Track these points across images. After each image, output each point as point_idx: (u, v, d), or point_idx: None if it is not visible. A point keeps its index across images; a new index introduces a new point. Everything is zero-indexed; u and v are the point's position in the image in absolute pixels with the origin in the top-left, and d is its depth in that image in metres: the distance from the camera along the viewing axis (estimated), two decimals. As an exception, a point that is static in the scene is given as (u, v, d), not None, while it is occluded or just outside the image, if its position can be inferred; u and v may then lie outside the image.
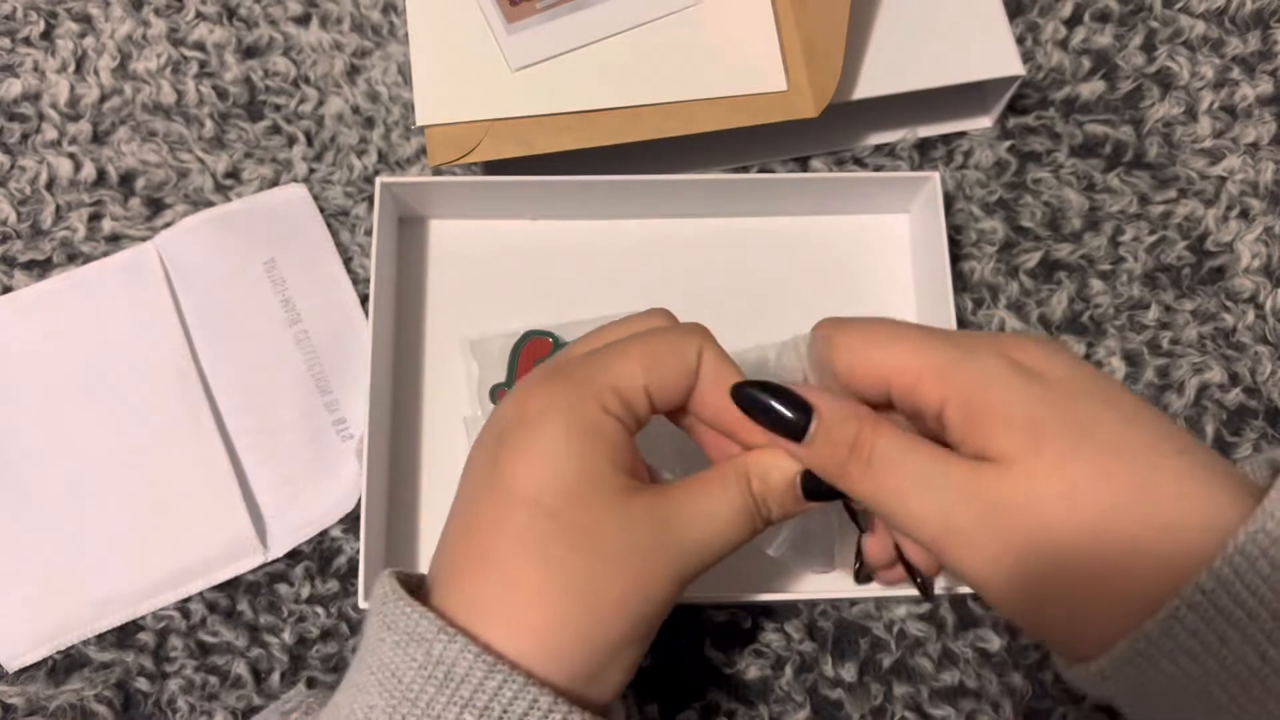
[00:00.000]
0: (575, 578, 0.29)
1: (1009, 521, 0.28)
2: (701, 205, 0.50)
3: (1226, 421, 0.49)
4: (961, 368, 0.30)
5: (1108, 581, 0.28)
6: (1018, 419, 0.29)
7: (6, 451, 0.47)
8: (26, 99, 0.53)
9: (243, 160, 0.52)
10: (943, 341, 0.31)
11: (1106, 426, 0.29)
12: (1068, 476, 0.28)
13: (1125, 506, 0.28)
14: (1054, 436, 0.28)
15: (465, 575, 0.30)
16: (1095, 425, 0.29)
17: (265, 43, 0.54)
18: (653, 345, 0.33)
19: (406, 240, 0.50)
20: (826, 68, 0.47)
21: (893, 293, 0.50)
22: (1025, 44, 0.54)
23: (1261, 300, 0.50)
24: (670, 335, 0.33)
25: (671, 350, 0.33)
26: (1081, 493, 0.28)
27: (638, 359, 0.32)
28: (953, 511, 0.29)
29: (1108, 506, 0.28)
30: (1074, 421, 0.29)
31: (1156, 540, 0.27)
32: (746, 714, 0.45)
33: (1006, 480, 0.29)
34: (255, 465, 0.48)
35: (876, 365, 0.31)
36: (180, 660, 0.45)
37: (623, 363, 0.32)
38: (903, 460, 0.30)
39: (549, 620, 0.29)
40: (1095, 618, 0.28)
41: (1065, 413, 0.29)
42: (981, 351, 0.30)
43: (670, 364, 0.33)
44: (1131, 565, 0.27)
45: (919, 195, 0.49)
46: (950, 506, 0.29)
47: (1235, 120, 0.53)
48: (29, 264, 0.50)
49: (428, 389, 0.49)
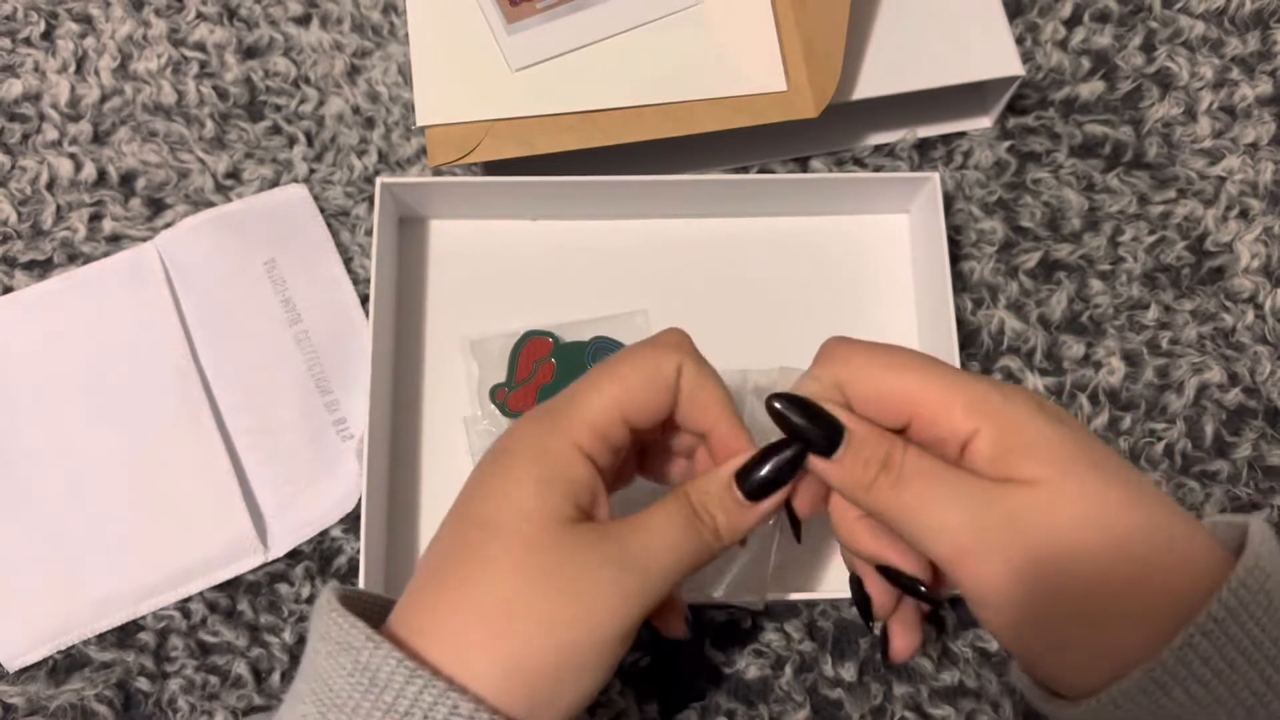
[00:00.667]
0: (521, 601, 0.30)
1: (1034, 534, 0.30)
2: (702, 205, 0.50)
3: (1226, 421, 0.49)
4: (997, 402, 0.31)
5: (1124, 602, 0.29)
6: (1049, 449, 0.30)
7: (7, 451, 0.47)
8: (27, 99, 0.53)
9: (243, 160, 0.52)
10: (974, 377, 0.33)
11: (1124, 468, 0.31)
12: (1096, 501, 0.30)
13: (1146, 536, 0.29)
14: (1083, 467, 0.30)
15: (418, 594, 0.31)
16: (1115, 464, 0.31)
17: (265, 43, 0.54)
18: (625, 372, 0.34)
19: (407, 240, 0.50)
20: (826, 68, 0.47)
21: (892, 293, 0.50)
22: (1025, 44, 0.54)
23: (1261, 300, 0.50)
24: (644, 358, 0.34)
25: (645, 375, 0.34)
26: (1108, 517, 0.30)
27: (610, 390, 0.33)
28: (979, 523, 0.30)
29: (1131, 532, 0.29)
30: (1097, 459, 0.30)
31: (1170, 569, 0.29)
32: (746, 714, 0.45)
33: (1035, 497, 0.30)
34: (255, 465, 0.48)
35: (905, 393, 0.32)
36: (181, 660, 0.45)
37: (595, 397, 0.33)
38: (930, 476, 0.31)
39: (487, 637, 0.30)
40: (1108, 638, 0.29)
41: (1089, 449, 0.31)
42: (1013, 390, 0.32)
43: (645, 389, 0.34)
44: (1147, 590, 0.29)
45: (919, 195, 0.49)
46: (976, 518, 0.30)
47: (1235, 120, 0.53)
48: (29, 264, 0.50)
49: (428, 389, 0.49)
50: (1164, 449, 0.48)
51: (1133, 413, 0.49)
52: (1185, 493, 0.48)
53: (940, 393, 0.32)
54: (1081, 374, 0.49)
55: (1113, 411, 0.49)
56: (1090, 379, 0.49)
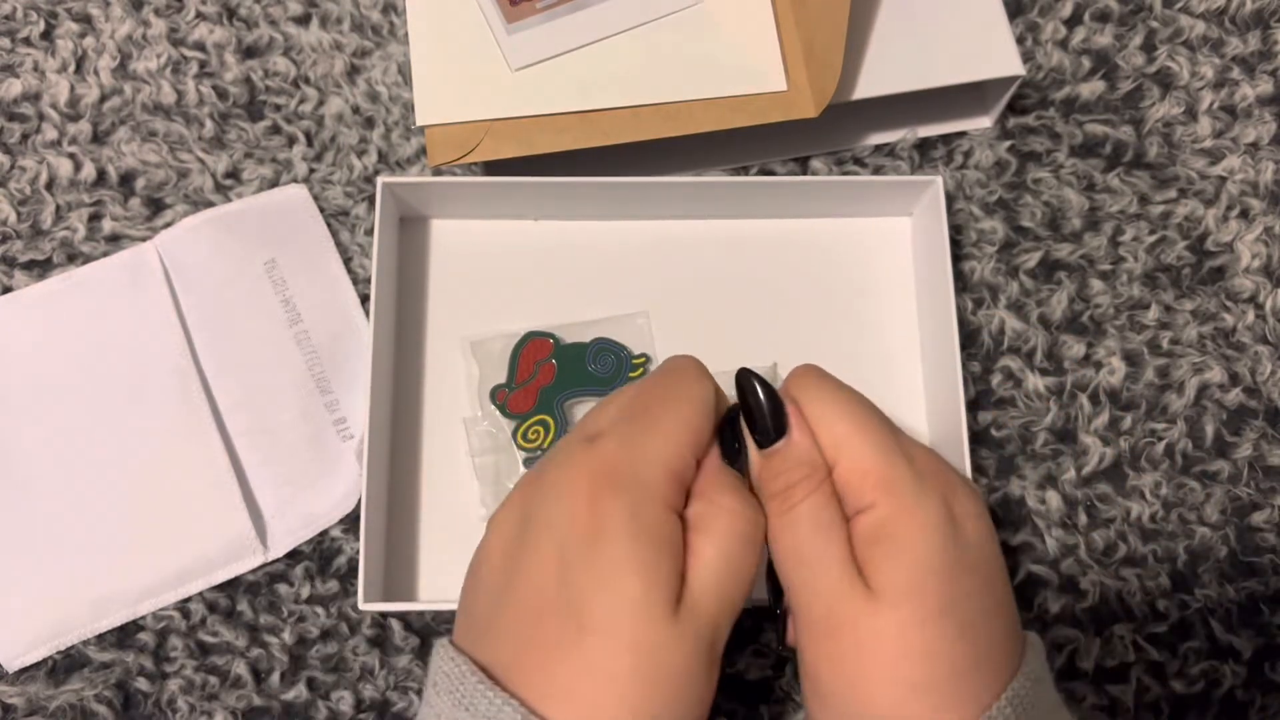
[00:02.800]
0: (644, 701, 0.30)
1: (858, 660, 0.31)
2: (703, 207, 0.50)
3: (1226, 421, 0.49)
4: (908, 495, 0.32)
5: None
6: (916, 571, 0.31)
7: (5, 452, 0.47)
8: (26, 99, 0.53)
9: (243, 160, 0.52)
10: (905, 461, 0.32)
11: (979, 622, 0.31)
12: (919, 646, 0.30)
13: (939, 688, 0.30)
14: (934, 609, 0.31)
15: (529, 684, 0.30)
16: (968, 615, 0.31)
17: (265, 43, 0.54)
18: (687, 413, 0.34)
19: (407, 240, 0.50)
20: (826, 68, 0.47)
21: (893, 295, 0.50)
22: (1025, 44, 0.54)
23: (1261, 300, 0.50)
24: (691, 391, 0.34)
25: (701, 410, 0.34)
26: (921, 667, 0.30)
27: (679, 435, 0.33)
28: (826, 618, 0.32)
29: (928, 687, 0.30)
30: (949, 604, 0.31)
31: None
32: (746, 715, 0.45)
33: (876, 619, 0.31)
34: (255, 465, 0.48)
35: (838, 444, 0.33)
36: (180, 660, 0.45)
37: (666, 445, 0.33)
38: (815, 530, 0.32)
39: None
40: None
41: (951, 590, 0.31)
42: (931, 496, 0.32)
43: (706, 422, 0.34)
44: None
45: (921, 198, 0.49)
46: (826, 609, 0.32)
47: (1235, 120, 0.53)
48: (29, 264, 0.50)
49: (428, 389, 0.49)
50: (1164, 449, 0.48)
51: (1133, 413, 0.49)
52: (1186, 493, 0.48)
53: (867, 461, 0.32)
54: (1082, 374, 0.49)
55: (1113, 411, 0.49)
56: (1091, 379, 0.49)
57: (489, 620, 0.32)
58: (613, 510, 0.31)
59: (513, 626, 0.31)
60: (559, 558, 0.31)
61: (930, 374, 0.48)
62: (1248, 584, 0.47)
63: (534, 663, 0.31)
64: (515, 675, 0.31)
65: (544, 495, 0.33)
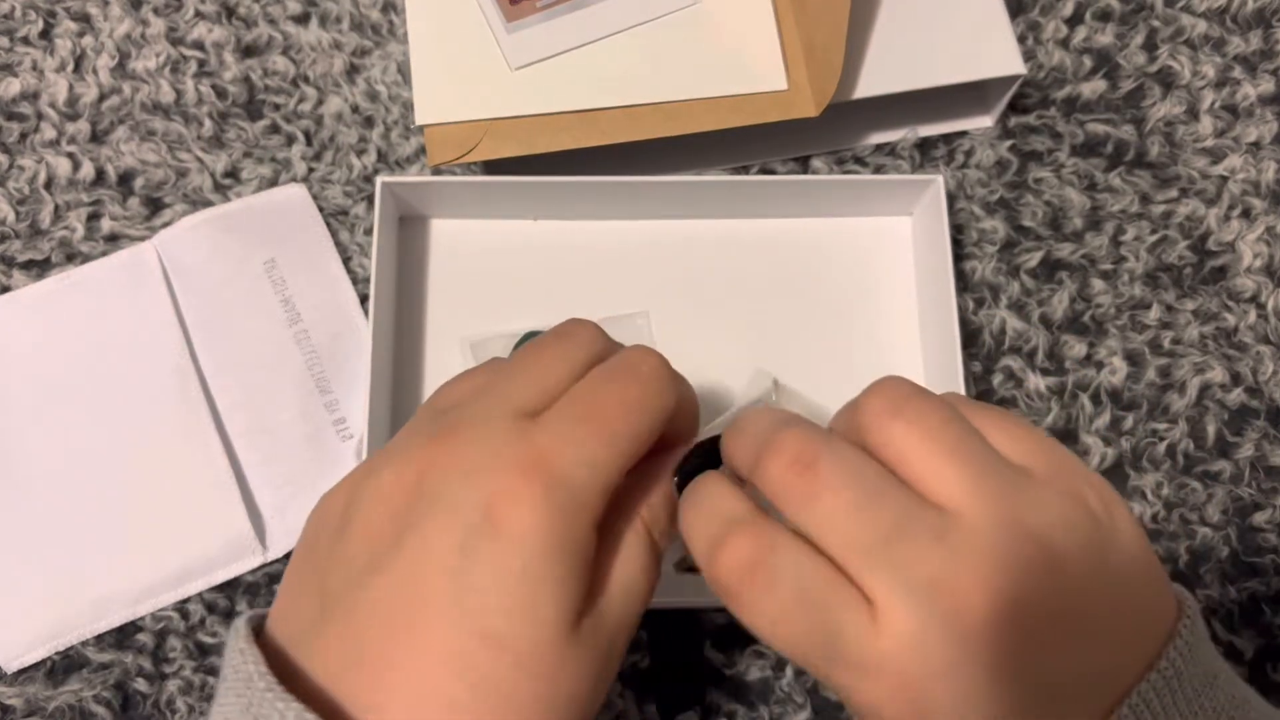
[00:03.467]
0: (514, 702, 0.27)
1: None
2: (703, 207, 0.50)
3: (1228, 422, 0.49)
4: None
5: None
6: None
7: (4, 452, 0.47)
8: (25, 98, 0.52)
9: (242, 160, 0.52)
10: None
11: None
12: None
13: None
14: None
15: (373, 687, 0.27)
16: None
17: (264, 42, 0.54)
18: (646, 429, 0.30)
19: (406, 240, 0.50)
20: (826, 67, 0.47)
21: (894, 295, 0.50)
22: (1026, 43, 0.54)
23: (1263, 300, 0.50)
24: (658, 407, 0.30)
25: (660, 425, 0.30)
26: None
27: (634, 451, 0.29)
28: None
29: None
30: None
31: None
32: (746, 715, 0.45)
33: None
34: (254, 465, 0.48)
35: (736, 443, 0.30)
36: (179, 661, 0.45)
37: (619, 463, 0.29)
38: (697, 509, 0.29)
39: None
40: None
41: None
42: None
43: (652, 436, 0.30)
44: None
45: (922, 198, 0.49)
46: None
47: (1237, 119, 0.53)
48: (28, 264, 0.50)
49: (428, 389, 0.49)
50: (1166, 449, 0.48)
51: (1135, 413, 0.49)
52: (1187, 493, 0.47)
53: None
54: (1083, 374, 0.49)
55: (1115, 411, 0.49)
56: (1092, 379, 0.49)
57: (337, 598, 0.28)
58: (538, 515, 0.27)
59: (372, 612, 0.27)
60: (459, 548, 0.27)
61: (931, 374, 0.48)
62: (1249, 584, 0.47)
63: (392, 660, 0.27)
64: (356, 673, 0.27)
65: (454, 469, 0.28)
